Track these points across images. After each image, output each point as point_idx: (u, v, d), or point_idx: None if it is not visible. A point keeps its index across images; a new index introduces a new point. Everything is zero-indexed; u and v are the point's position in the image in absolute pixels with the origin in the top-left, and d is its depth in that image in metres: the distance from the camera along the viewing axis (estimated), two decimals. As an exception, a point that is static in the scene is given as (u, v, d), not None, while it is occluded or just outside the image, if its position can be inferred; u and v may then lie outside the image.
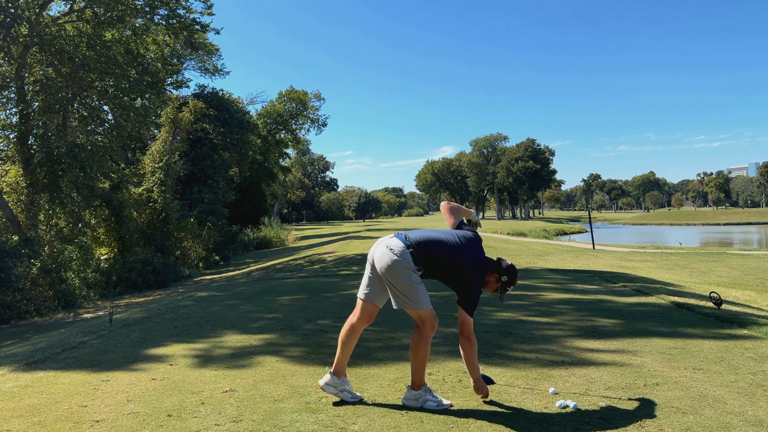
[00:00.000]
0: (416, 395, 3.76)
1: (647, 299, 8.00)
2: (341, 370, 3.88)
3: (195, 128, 31.13)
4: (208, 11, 22.89)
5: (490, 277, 3.85)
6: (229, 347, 5.67)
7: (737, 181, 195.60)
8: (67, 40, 20.20)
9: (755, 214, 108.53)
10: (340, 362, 3.89)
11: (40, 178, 18.97)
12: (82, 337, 6.48)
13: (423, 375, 3.78)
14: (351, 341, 3.91)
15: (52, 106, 20.02)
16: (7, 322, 13.83)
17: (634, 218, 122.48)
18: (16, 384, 4.60)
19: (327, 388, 3.86)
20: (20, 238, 16.32)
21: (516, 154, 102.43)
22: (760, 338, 5.50)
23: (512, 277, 3.86)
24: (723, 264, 19.22)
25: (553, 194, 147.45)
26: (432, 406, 3.71)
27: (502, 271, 3.83)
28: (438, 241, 3.78)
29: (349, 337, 3.90)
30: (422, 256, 3.70)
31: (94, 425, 3.59)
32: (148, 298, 15.69)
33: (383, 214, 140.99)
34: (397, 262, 3.65)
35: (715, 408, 3.66)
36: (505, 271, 3.84)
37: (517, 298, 8.38)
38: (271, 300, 8.93)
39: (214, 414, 3.71)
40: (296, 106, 54.55)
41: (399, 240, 3.75)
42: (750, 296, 11.57)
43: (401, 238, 3.76)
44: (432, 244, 3.75)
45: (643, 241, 45.87)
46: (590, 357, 4.92)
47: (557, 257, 19.17)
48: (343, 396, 3.86)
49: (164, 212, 24.97)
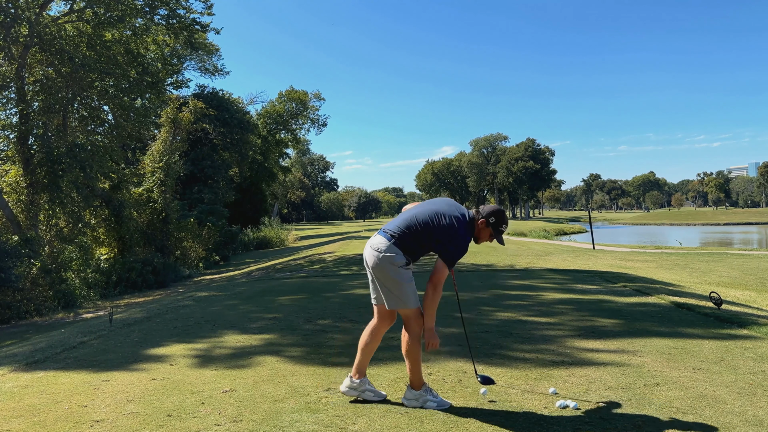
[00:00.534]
0: (416, 395, 3.76)
1: (647, 299, 8.00)
2: (361, 371, 3.91)
3: (195, 128, 31.12)
4: (208, 11, 22.89)
5: (479, 225, 3.78)
6: (229, 347, 5.67)
7: (737, 181, 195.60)
8: (67, 40, 20.20)
9: (755, 214, 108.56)
10: (360, 364, 3.91)
11: (40, 178, 18.97)
12: (82, 337, 6.48)
13: (421, 374, 3.78)
14: (370, 344, 3.93)
15: (52, 106, 20.02)
16: (7, 322, 13.83)
17: (634, 218, 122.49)
18: (16, 384, 4.60)
19: (349, 392, 3.88)
20: (20, 238, 16.32)
21: (516, 154, 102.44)
22: (760, 338, 5.50)
23: (499, 216, 3.78)
24: (723, 264, 19.22)
25: (553, 194, 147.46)
26: (432, 407, 3.71)
27: (487, 215, 3.77)
28: (414, 214, 3.78)
29: (369, 340, 3.93)
30: (407, 237, 3.68)
31: (94, 425, 3.59)
32: (148, 298, 15.69)
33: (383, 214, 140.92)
34: (384, 259, 3.66)
35: (715, 408, 3.66)
36: (489, 214, 3.77)
37: (517, 298, 8.38)
38: (271, 300, 8.93)
39: (214, 414, 3.71)
40: (296, 106, 54.56)
41: (381, 236, 3.75)
42: (750, 296, 11.57)
43: (383, 234, 3.76)
44: (410, 219, 3.74)
45: (643, 241, 45.87)
46: (590, 357, 4.92)
47: (557, 257, 19.17)
48: (365, 396, 3.89)
49: (164, 212, 24.96)
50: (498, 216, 3.78)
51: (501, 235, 3.82)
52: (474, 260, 16.53)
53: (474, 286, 9.85)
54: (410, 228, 3.70)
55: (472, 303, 7.99)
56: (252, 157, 44.54)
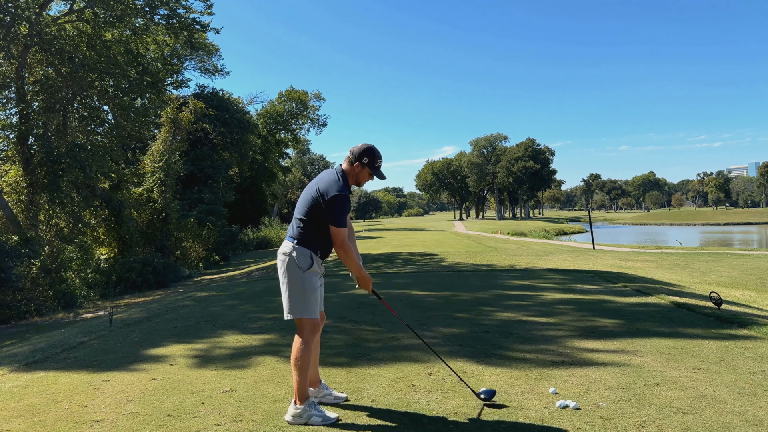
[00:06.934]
0: (300, 411, 3.56)
1: (647, 299, 8.00)
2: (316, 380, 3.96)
3: (195, 128, 31.11)
4: (207, 11, 22.91)
5: (354, 169, 3.72)
6: (229, 347, 5.67)
7: (737, 181, 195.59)
8: (67, 40, 20.21)
9: (755, 214, 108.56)
10: (313, 375, 3.91)
11: (40, 178, 18.97)
12: (82, 337, 6.48)
13: (306, 386, 3.63)
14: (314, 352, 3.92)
15: (52, 106, 20.03)
16: (7, 322, 13.83)
17: (634, 218, 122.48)
18: (16, 384, 4.60)
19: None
20: (20, 238, 16.32)
21: (516, 154, 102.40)
22: (760, 338, 5.50)
23: (370, 154, 3.70)
24: (723, 264, 19.22)
25: (553, 194, 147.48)
26: (317, 422, 3.53)
27: (359, 157, 3.71)
28: (297, 207, 3.76)
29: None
30: (307, 228, 3.66)
31: (94, 425, 3.59)
32: (148, 298, 15.68)
33: (383, 214, 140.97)
34: (290, 262, 3.65)
35: (715, 408, 3.66)
36: (360, 156, 3.71)
37: (518, 299, 8.38)
38: (271, 300, 8.92)
39: (214, 414, 3.71)
40: (296, 106, 54.51)
41: (286, 241, 3.74)
42: (750, 296, 11.57)
43: (287, 239, 3.75)
44: (298, 210, 3.71)
45: (643, 241, 45.89)
46: (590, 357, 4.92)
47: (557, 257, 19.16)
48: (326, 400, 3.91)
49: (164, 212, 24.96)
50: (369, 154, 3.71)
51: (379, 170, 3.78)
52: (474, 260, 16.53)
53: (474, 286, 9.85)
54: (308, 216, 3.65)
55: (472, 303, 7.99)
56: (252, 157, 44.48)
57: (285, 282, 3.68)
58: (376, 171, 3.76)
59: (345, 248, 3.65)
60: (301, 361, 3.60)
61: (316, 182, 3.72)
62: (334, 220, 3.59)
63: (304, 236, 3.66)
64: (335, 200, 3.55)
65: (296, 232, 3.69)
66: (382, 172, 3.79)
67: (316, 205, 3.62)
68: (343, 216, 3.60)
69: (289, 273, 3.65)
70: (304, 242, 3.65)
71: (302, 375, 3.59)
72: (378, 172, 3.77)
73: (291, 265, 3.65)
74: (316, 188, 3.65)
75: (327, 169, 3.84)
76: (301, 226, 3.68)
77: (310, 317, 3.67)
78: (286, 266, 3.66)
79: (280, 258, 3.71)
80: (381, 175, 3.79)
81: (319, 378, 3.97)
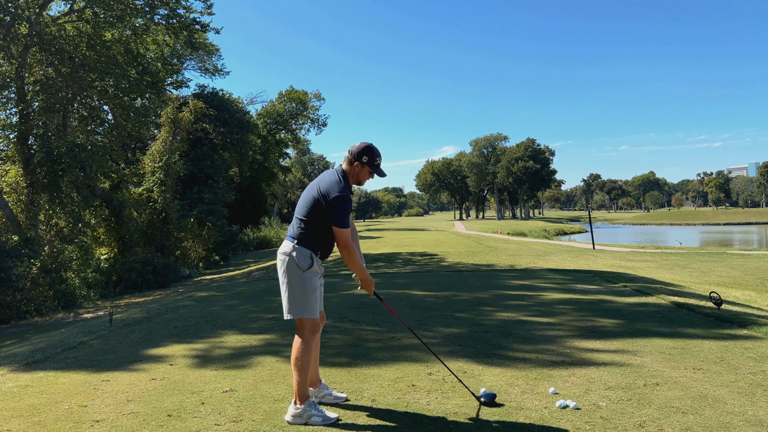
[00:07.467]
0: (300, 411, 3.57)
1: (647, 299, 8.00)
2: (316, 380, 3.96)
3: (195, 128, 31.09)
4: (207, 11, 22.91)
5: (354, 169, 3.73)
6: (229, 347, 5.67)
7: (737, 181, 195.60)
8: (67, 40, 20.20)
9: (755, 214, 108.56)
10: (313, 375, 3.91)
11: (40, 178, 18.97)
12: (82, 337, 6.48)
13: (306, 386, 3.64)
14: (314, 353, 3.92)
15: (52, 106, 20.03)
16: (7, 322, 13.83)
17: (634, 218, 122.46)
18: (16, 384, 4.60)
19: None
20: (20, 238, 16.32)
21: (516, 154, 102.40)
22: (760, 338, 5.50)
23: (369, 152, 3.71)
24: (723, 264, 19.22)
25: (553, 194, 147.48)
26: (317, 422, 3.53)
27: (358, 156, 3.71)
28: (297, 207, 3.76)
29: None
30: (308, 228, 3.66)
31: (94, 425, 3.59)
32: (148, 298, 15.69)
33: (383, 214, 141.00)
34: (290, 262, 3.65)
35: (715, 408, 3.66)
36: (360, 155, 3.72)
37: (518, 299, 8.38)
38: (271, 300, 8.92)
39: (214, 414, 3.71)
40: (296, 106, 54.49)
41: (287, 241, 3.74)
42: (750, 296, 11.57)
43: (288, 239, 3.74)
44: (298, 211, 3.71)
45: (643, 241, 45.89)
46: (590, 357, 4.92)
47: (557, 257, 19.16)
48: (326, 401, 3.92)
49: (164, 212, 24.95)
50: (368, 152, 3.72)
51: (379, 168, 3.79)
52: (474, 260, 16.53)
53: (474, 286, 9.85)
54: (309, 217, 3.65)
55: (472, 303, 7.99)
56: (252, 157, 44.48)
57: (285, 282, 3.68)
58: (376, 169, 3.77)
59: (349, 249, 3.67)
60: (302, 361, 3.60)
61: (317, 183, 3.73)
62: (336, 221, 3.60)
63: (305, 236, 3.66)
64: (337, 201, 3.56)
65: (296, 232, 3.69)
66: (382, 170, 3.81)
67: (317, 206, 3.62)
68: (345, 216, 3.61)
69: (289, 273, 3.65)
70: (305, 242, 3.66)
71: (302, 375, 3.60)
72: (378, 169, 3.78)
73: (291, 264, 3.65)
74: (317, 189, 3.66)
75: (327, 170, 3.85)
76: (301, 226, 3.68)
77: (310, 317, 3.67)
78: (286, 266, 3.66)
79: (280, 258, 3.71)
80: (381, 172, 3.80)
81: (319, 378, 3.97)
